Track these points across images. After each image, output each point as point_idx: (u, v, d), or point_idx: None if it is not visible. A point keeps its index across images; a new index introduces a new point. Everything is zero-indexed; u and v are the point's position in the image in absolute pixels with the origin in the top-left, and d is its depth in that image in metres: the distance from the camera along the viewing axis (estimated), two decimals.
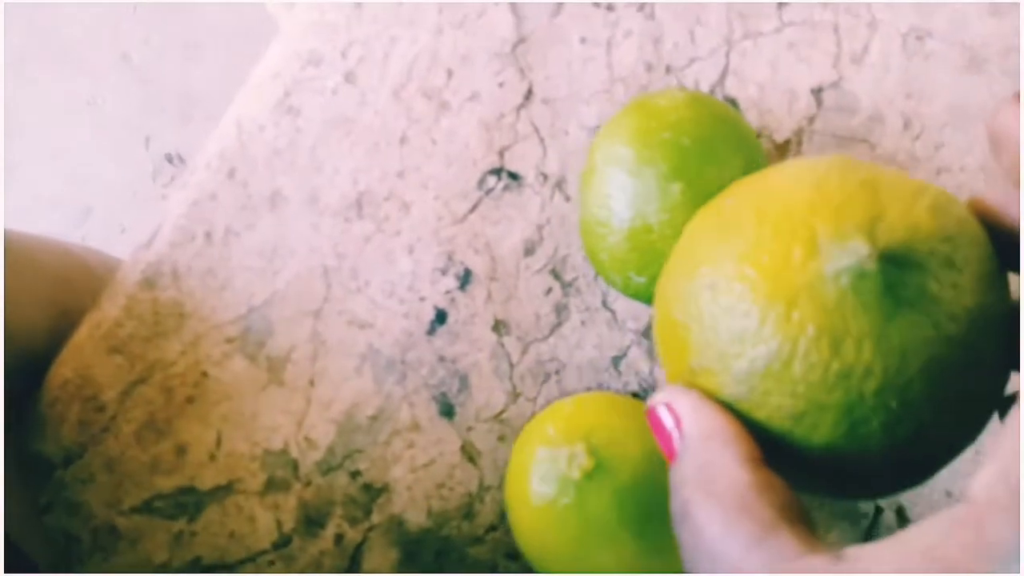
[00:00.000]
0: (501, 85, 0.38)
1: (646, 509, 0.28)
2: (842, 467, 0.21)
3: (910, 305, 0.19)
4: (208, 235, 0.37)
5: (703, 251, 0.22)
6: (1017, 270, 0.21)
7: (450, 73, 0.38)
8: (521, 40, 0.39)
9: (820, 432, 0.20)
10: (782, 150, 0.38)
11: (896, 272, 0.19)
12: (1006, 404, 0.21)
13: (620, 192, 0.30)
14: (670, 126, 0.31)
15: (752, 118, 0.38)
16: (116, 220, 1.17)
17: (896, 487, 0.22)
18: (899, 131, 0.38)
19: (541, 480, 0.29)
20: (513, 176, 0.38)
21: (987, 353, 0.20)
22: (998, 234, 0.21)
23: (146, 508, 0.35)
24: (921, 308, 0.19)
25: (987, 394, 0.21)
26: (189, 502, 0.35)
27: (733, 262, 0.21)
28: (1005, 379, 0.21)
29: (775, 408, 0.20)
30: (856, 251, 0.19)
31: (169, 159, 1.19)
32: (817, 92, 0.38)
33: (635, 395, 0.36)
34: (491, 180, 0.38)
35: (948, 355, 0.19)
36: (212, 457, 0.35)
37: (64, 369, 0.36)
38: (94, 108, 1.19)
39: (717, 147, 0.31)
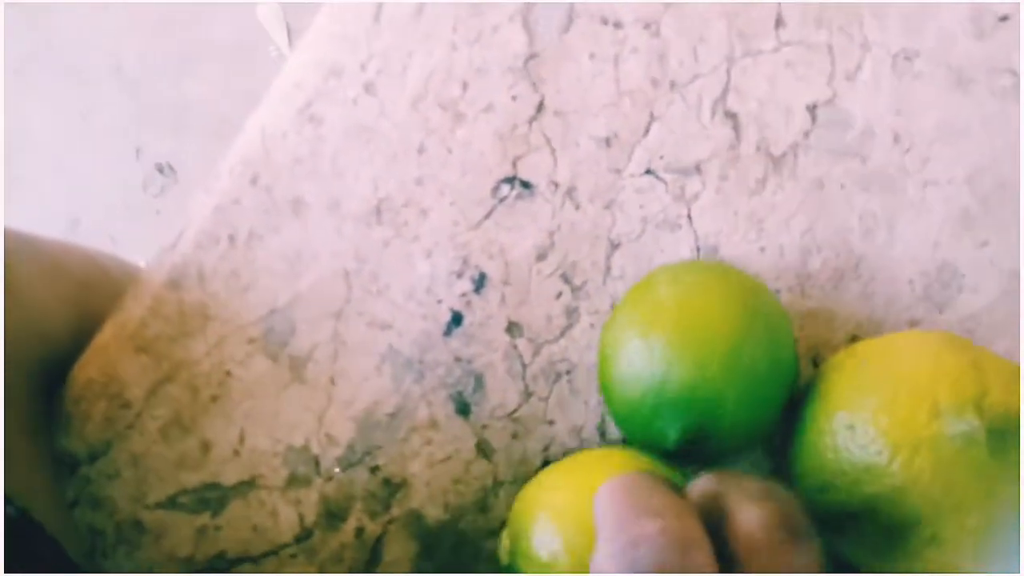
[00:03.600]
0: (514, 98, 0.40)
1: None
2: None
3: (1004, 463, 0.26)
4: (232, 238, 0.39)
5: (840, 400, 0.30)
6: None
7: (465, 86, 0.40)
8: (533, 55, 0.41)
9: (923, 547, 0.27)
10: (779, 162, 0.40)
11: (998, 441, 0.26)
12: None
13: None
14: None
15: (751, 132, 0.40)
16: (105, 231, 1.18)
17: None
18: (889, 146, 0.40)
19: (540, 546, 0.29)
20: (525, 185, 0.40)
21: None
22: None
23: (170, 503, 0.36)
24: (1013, 466, 0.26)
25: None
26: (213, 497, 0.36)
27: (870, 411, 0.28)
28: None
29: (890, 523, 0.27)
30: (970, 423, 0.26)
31: (160, 169, 1.19)
32: (812, 108, 0.41)
33: None
34: (505, 188, 0.39)
35: None
36: (236, 453, 0.36)
37: (89, 368, 0.37)
38: (86, 118, 1.20)
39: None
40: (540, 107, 0.40)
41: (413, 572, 0.36)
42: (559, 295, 0.39)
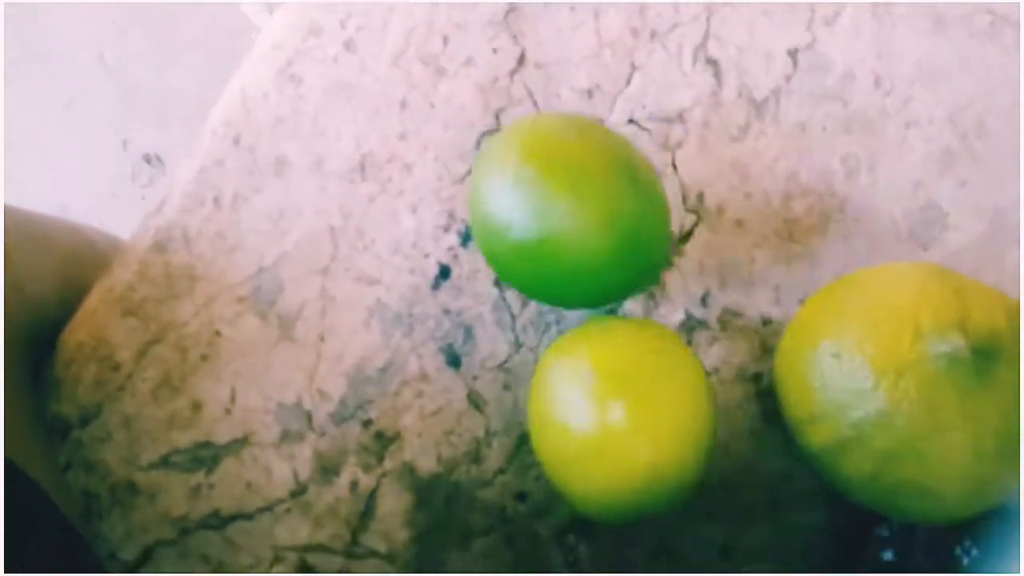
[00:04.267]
0: (495, 51, 0.40)
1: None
2: (922, 498, 0.28)
3: (988, 384, 0.27)
4: (216, 200, 0.39)
5: (825, 327, 0.30)
6: None
7: (446, 40, 0.40)
8: (512, 8, 0.41)
9: (910, 469, 0.28)
10: (761, 107, 0.40)
11: (982, 360, 0.27)
12: None
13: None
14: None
15: (733, 78, 0.40)
16: (95, 220, 1.17)
17: (961, 518, 0.29)
18: (870, 88, 0.40)
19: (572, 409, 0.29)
20: None
21: None
22: None
23: (163, 463, 0.36)
24: (996, 387, 0.27)
25: None
26: (206, 456, 0.36)
27: (855, 338, 0.28)
28: None
29: (878, 448, 0.28)
30: (953, 342, 0.27)
31: (147, 160, 1.19)
32: (793, 53, 0.41)
33: None
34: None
35: (1012, 423, 0.27)
36: (227, 412, 0.36)
37: (78, 332, 0.37)
38: (71, 110, 1.19)
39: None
40: (521, 60, 0.40)
41: (406, 525, 0.36)
42: None
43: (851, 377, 0.28)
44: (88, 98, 1.19)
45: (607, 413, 0.28)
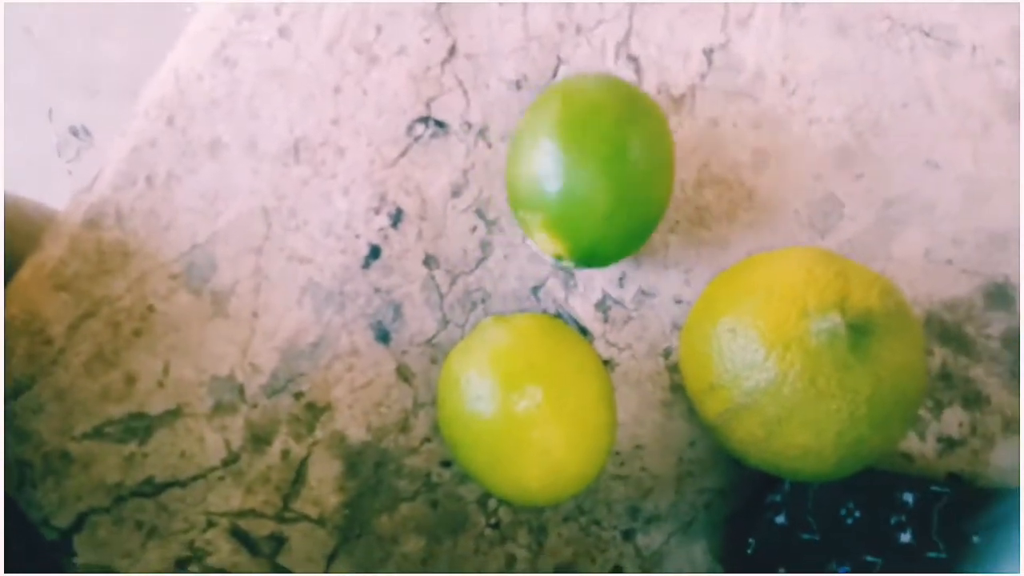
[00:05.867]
0: (427, 41, 0.42)
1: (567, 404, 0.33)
2: (805, 458, 0.31)
3: (861, 357, 0.30)
4: (149, 179, 0.39)
5: (724, 305, 0.33)
6: None
7: (379, 29, 0.41)
8: (444, 0, 0.42)
9: (795, 433, 0.31)
10: (678, 103, 0.43)
11: (856, 336, 0.30)
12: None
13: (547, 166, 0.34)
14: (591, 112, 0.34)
15: (652, 75, 0.43)
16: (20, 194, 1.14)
17: (839, 476, 0.32)
18: (778, 87, 0.43)
19: (477, 400, 0.32)
20: (440, 124, 0.41)
21: (909, 390, 0.31)
22: None
23: (97, 434, 0.37)
24: (868, 360, 0.30)
25: (910, 417, 0.32)
26: (139, 427, 0.37)
27: (749, 315, 0.32)
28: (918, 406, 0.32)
29: (768, 414, 0.31)
30: (832, 320, 0.30)
31: (75, 132, 1.16)
32: (708, 52, 0.43)
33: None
34: (419, 128, 0.41)
35: (883, 392, 0.30)
36: (160, 384, 0.38)
37: (10, 307, 0.38)
38: None
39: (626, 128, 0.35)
40: (452, 50, 0.42)
41: (336, 490, 0.38)
42: (474, 229, 0.41)
43: (745, 350, 0.31)
44: (13, 70, 1.15)
45: (511, 408, 0.31)
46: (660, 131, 0.35)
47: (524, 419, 0.32)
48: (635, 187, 0.33)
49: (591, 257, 0.35)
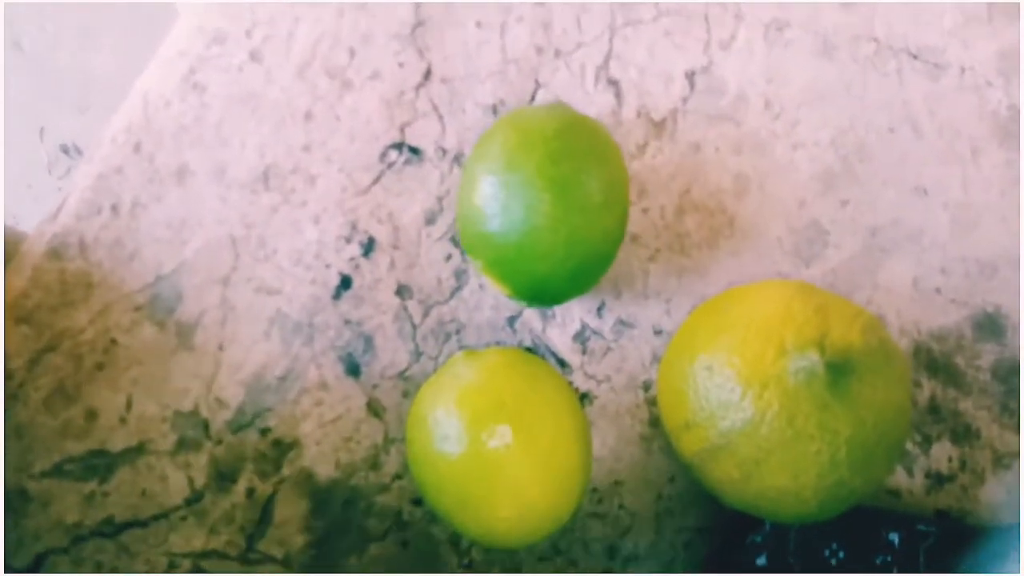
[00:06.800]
0: (401, 65, 0.41)
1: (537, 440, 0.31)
2: (784, 501, 0.30)
3: (841, 397, 0.29)
4: (115, 208, 0.38)
5: (702, 342, 0.32)
6: None
7: (352, 52, 0.41)
8: (420, 23, 0.41)
9: (773, 475, 0.29)
10: (659, 127, 0.42)
11: (836, 375, 0.29)
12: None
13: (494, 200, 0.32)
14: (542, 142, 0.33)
15: (632, 99, 0.42)
16: (9, 213, 1.13)
17: (820, 519, 0.31)
18: (761, 111, 0.42)
19: (444, 440, 0.31)
20: (414, 151, 0.40)
21: (893, 430, 0.30)
22: None
23: (56, 471, 0.36)
24: (848, 400, 0.29)
25: (894, 458, 0.31)
26: (100, 464, 0.36)
27: (726, 353, 0.30)
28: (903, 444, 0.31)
29: (744, 455, 0.30)
30: (810, 358, 0.29)
31: (65, 150, 1.15)
32: (690, 75, 0.42)
33: (528, 350, 0.39)
34: (393, 154, 0.40)
35: (865, 432, 0.29)
36: (123, 420, 0.36)
37: None
38: None
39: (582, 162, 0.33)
40: (427, 74, 0.41)
41: (303, 530, 0.36)
42: (448, 258, 0.40)
43: (721, 389, 0.30)
44: (4, 86, 1.15)
45: (479, 448, 0.30)
46: (609, 163, 0.34)
47: (493, 459, 0.30)
48: (580, 223, 0.32)
49: (539, 297, 0.34)
